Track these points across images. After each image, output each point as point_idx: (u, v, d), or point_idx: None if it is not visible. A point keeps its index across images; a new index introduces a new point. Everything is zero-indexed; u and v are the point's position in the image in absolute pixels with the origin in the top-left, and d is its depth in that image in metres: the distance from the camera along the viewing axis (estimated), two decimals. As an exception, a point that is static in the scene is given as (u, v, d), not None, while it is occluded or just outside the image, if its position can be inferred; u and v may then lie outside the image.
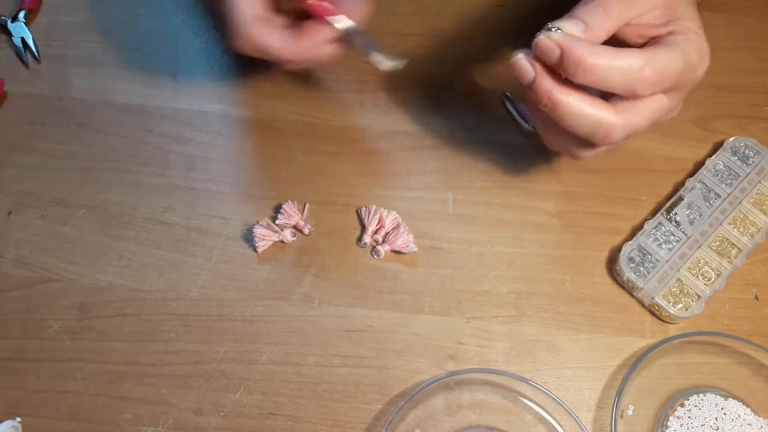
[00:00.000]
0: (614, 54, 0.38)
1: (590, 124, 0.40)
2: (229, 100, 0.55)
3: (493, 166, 0.53)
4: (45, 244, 0.50)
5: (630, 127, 0.40)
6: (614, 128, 0.40)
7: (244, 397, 0.46)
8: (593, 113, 0.39)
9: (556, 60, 0.38)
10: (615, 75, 0.38)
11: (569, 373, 0.46)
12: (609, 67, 0.38)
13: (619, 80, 0.38)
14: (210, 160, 0.53)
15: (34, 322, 0.47)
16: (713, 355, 0.47)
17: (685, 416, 0.45)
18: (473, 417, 0.45)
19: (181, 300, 0.48)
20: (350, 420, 0.45)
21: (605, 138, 0.40)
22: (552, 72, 0.39)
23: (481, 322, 0.48)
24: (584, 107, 0.39)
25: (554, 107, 0.39)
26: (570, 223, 0.51)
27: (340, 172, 0.53)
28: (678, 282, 0.47)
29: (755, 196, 0.50)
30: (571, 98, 0.39)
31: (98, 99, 0.55)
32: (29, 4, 0.58)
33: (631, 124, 0.40)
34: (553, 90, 0.39)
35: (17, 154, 0.53)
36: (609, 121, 0.39)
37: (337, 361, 0.46)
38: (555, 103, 0.39)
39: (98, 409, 0.45)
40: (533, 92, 0.40)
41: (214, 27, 0.58)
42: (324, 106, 0.55)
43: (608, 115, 0.39)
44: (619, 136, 0.40)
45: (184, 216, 0.51)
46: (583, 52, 0.37)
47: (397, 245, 0.49)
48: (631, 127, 0.40)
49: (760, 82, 0.56)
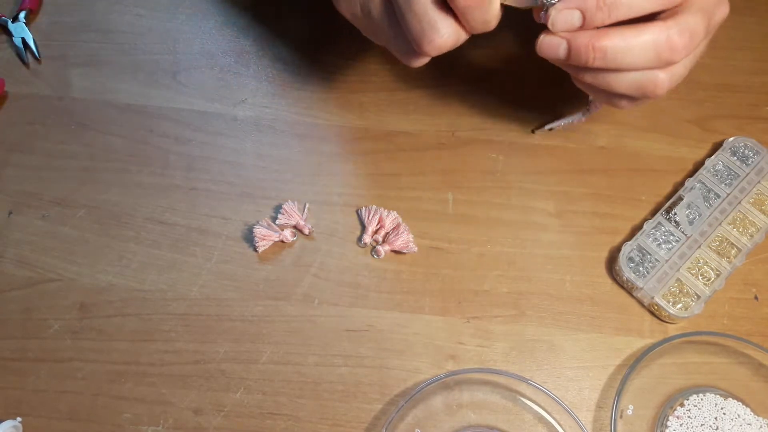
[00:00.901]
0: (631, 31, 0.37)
1: (647, 50, 0.37)
2: (229, 100, 0.55)
3: (493, 166, 0.53)
4: (45, 244, 0.50)
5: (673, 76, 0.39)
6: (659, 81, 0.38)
7: (244, 396, 0.46)
8: (646, 36, 0.37)
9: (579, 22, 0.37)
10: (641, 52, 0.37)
11: (569, 372, 0.46)
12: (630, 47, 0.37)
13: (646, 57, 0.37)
14: (210, 160, 0.53)
15: (34, 322, 0.47)
16: (713, 354, 0.47)
17: (684, 416, 0.45)
18: (473, 417, 0.45)
19: (181, 300, 0.48)
20: (350, 420, 0.45)
21: (654, 92, 0.39)
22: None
23: (481, 322, 0.48)
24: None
25: (604, 53, 0.37)
26: (570, 223, 0.51)
27: (340, 172, 0.53)
28: (677, 282, 0.47)
29: (755, 196, 0.50)
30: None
31: (98, 99, 0.55)
32: (30, 5, 0.58)
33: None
34: (593, 38, 0.37)
35: (17, 154, 0.53)
36: (663, 35, 0.37)
37: (337, 361, 0.47)
38: (603, 49, 0.37)
39: (98, 409, 0.45)
40: (576, 56, 0.38)
41: (214, 27, 0.58)
42: (324, 106, 0.55)
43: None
44: (666, 88, 0.39)
45: (184, 216, 0.51)
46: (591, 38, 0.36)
47: (397, 245, 0.49)
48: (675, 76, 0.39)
49: (760, 82, 0.56)
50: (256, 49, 0.57)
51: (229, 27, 0.58)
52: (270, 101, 0.55)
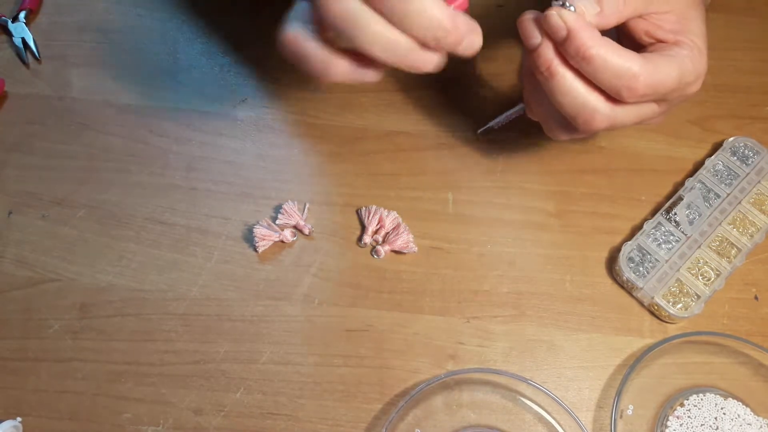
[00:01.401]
0: (615, 52, 0.38)
1: (578, 104, 0.39)
2: (229, 100, 0.55)
3: (493, 166, 0.53)
4: (45, 244, 0.50)
5: (614, 119, 0.40)
6: (598, 115, 0.40)
7: (244, 396, 0.46)
8: (583, 94, 0.39)
9: (560, 40, 0.38)
10: (608, 72, 0.38)
11: (569, 372, 0.46)
12: (606, 62, 0.38)
13: (609, 78, 0.38)
14: (210, 160, 0.53)
15: (34, 322, 0.47)
16: (713, 354, 0.47)
17: (684, 416, 0.45)
18: (473, 417, 0.45)
19: (181, 300, 0.48)
20: (350, 420, 0.45)
21: (586, 123, 0.40)
22: None
23: (481, 322, 0.48)
24: (577, 86, 0.39)
25: (550, 78, 0.39)
26: (570, 223, 0.51)
27: (340, 172, 0.53)
28: (677, 282, 0.47)
29: (754, 196, 0.51)
30: (568, 74, 0.39)
31: (98, 99, 0.55)
32: (30, 5, 0.58)
33: (615, 117, 0.40)
34: (554, 61, 0.39)
35: (17, 154, 0.53)
36: (596, 106, 0.39)
37: (337, 361, 0.47)
38: (552, 74, 0.39)
39: (98, 409, 0.45)
40: (535, 57, 0.39)
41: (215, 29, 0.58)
42: (324, 106, 0.55)
43: (597, 102, 0.39)
44: (601, 125, 0.40)
45: (184, 216, 0.51)
46: (587, 41, 0.37)
47: (397, 245, 0.49)
48: (615, 120, 0.40)
49: (760, 82, 0.56)
50: (256, 49, 0.57)
51: (229, 27, 0.58)
52: (270, 101, 0.55)
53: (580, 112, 0.40)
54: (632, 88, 0.38)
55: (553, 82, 0.39)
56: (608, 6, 0.39)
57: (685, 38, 0.41)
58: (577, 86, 0.39)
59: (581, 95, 0.39)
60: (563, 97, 0.40)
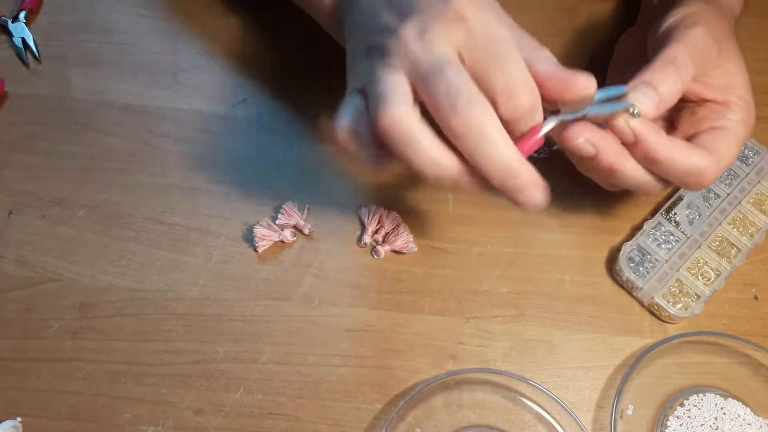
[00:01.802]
0: (682, 151, 0.39)
1: (637, 183, 0.41)
2: (229, 100, 0.55)
3: (492, 166, 0.53)
4: (45, 244, 0.50)
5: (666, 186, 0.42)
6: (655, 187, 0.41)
7: (244, 396, 0.46)
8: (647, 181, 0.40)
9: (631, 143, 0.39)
10: (677, 171, 0.39)
11: (569, 372, 0.46)
12: (674, 163, 0.39)
13: (678, 176, 0.39)
14: (210, 160, 0.53)
15: (34, 322, 0.47)
16: (713, 354, 0.47)
17: (684, 416, 0.45)
18: (473, 417, 0.45)
19: (181, 300, 0.48)
20: (350, 420, 0.45)
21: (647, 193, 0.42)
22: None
23: (481, 322, 0.48)
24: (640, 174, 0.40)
25: (612, 172, 0.40)
26: (570, 223, 0.51)
27: (340, 172, 0.53)
28: (677, 282, 0.47)
29: (754, 196, 0.50)
30: (629, 166, 0.40)
31: (98, 99, 0.55)
32: (29, 5, 0.58)
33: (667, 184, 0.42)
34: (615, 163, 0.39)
35: (17, 154, 0.53)
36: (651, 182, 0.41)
37: (337, 361, 0.47)
38: (614, 169, 0.39)
39: (98, 409, 0.45)
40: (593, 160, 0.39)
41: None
42: (324, 107, 0.55)
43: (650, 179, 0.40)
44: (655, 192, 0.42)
45: (184, 216, 0.51)
46: (656, 145, 0.38)
47: (397, 245, 0.49)
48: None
49: (760, 82, 0.56)
50: (256, 49, 0.57)
51: (229, 27, 0.58)
52: (270, 101, 0.55)
53: (640, 188, 0.41)
54: (700, 183, 0.40)
55: (615, 174, 0.40)
56: (666, 90, 0.39)
57: (733, 96, 0.41)
58: (640, 174, 0.40)
59: (645, 181, 0.40)
60: (625, 182, 0.41)
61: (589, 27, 0.58)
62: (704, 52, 0.41)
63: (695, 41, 0.40)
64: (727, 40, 0.42)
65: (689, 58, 0.40)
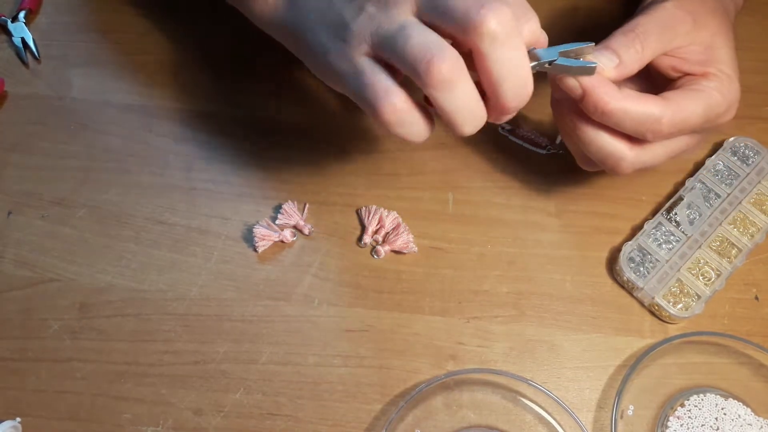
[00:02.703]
0: (634, 101, 0.38)
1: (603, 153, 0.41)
2: (229, 100, 0.55)
3: (493, 166, 0.53)
4: (45, 244, 0.50)
5: (641, 163, 0.41)
6: (623, 162, 0.41)
7: (244, 397, 0.46)
8: (608, 144, 0.41)
9: (578, 98, 0.39)
10: (630, 121, 0.39)
11: (569, 373, 0.46)
12: (626, 113, 0.38)
13: (632, 126, 0.39)
14: (210, 160, 0.53)
15: (34, 322, 0.47)
16: (713, 355, 0.47)
17: (685, 416, 0.45)
18: (473, 417, 0.45)
19: (181, 300, 0.48)
20: (350, 420, 0.45)
21: (613, 169, 0.42)
22: None
23: (481, 322, 0.48)
24: (601, 136, 0.40)
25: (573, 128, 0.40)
26: (570, 223, 0.51)
27: (340, 172, 0.53)
28: (678, 282, 0.47)
29: (755, 196, 0.50)
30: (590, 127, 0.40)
31: (98, 99, 0.55)
32: (29, 5, 0.58)
33: (643, 161, 0.41)
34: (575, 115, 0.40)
35: (17, 154, 0.53)
36: (621, 154, 0.41)
37: (337, 361, 0.46)
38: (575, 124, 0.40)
39: (98, 409, 0.45)
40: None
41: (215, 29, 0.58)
42: (324, 106, 0.55)
43: (623, 150, 0.41)
44: (628, 170, 0.42)
45: (184, 216, 0.51)
46: (604, 97, 0.38)
47: (397, 245, 0.49)
48: (643, 163, 0.41)
49: (760, 82, 0.56)
50: (255, 49, 0.57)
51: (229, 27, 0.58)
52: (270, 101, 0.55)
53: (607, 159, 0.41)
54: (656, 130, 0.39)
55: (577, 132, 0.40)
56: (626, 55, 0.39)
57: (712, 68, 0.41)
58: (601, 137, 0.40)
59: (606, 144, 0.40)
60: (589, 146, 0.41)
61: (588, 27, 0.58)
62: (672, 25, 0.40)
63: (662, 13, 0.41)
64: (710, 15, 0.42)
65: (654, 27, 0.40)
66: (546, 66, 0.37)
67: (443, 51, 0.33)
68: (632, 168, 0.41)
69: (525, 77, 0.35)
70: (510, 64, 0.34)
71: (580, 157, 0.45)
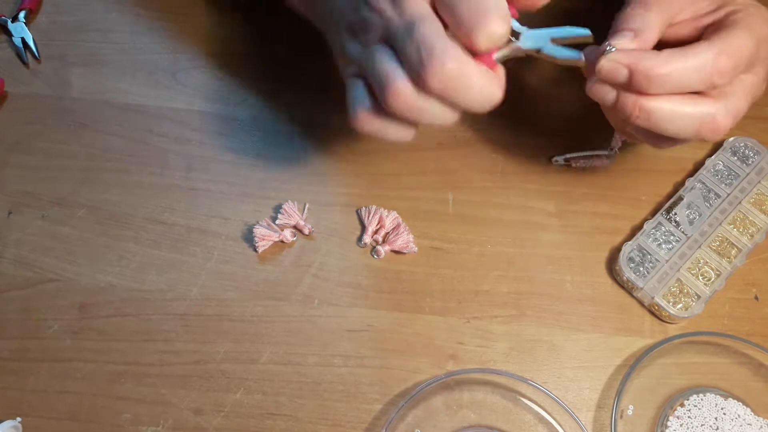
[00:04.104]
0: (683, 55, 0.37)
1: (694, 121, 0.38)
2: (229, 100, 0.55)
3: (493, 166, 0.53)
4: (45, 244, 0.50)
5: (734, 111, 0.38)
6: (719, 117, 0.38)
7: (244, 397, 0.46)
8: (691, 110, 0.38)
9: (625, 80, 0.37)
10: (691, 76, 0.37)
11: (569, 373, 0.46)
12: (683, 70, 0.36)
13: (696, 79, 0.37)
14: (210, 160, 0.53)
15: (34, 322, 0.47)
16: (713, 355, 0.47)
17: (684, 416, 0.45)
18: (473, 417, 0.45)
19: (181, 300, 0.48)
20: (350, 420, 0.45)
21: (713, 131, 0.38)
22: None
23: (481, 322, 0.48)
24: (679, 106, 0.37)
25: (648, 116, 0.38)
26: (570, 223, 0.51)
27: (340, 172, 0.53)
28: (678, 282, 0.47)
29: (755, 196, 0.50)
30: (662, 101, 0.37)
31: (98, 99, 0.55)
32: (29, 4, 0.58)
33: (734, 107, 0.38)
34: (640, 99, 0.37)
35: (17, 154, 0.53)
36: (710, 111, 0.38)
37: (337, 361, 0.47)
38: (648, 111, 0.37)
39: (98, 409, 0.45)
40: (620, 110, 0.38)
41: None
42: (324, 106, 0.55)
43: (707, 107, 0.38)
44: (727, 123, 0.38)
45: (184, 216, 0.51)
46: (652, 63, 0.36)
47: (397, 245, 0.49)
48: (735, 110, 0.38)
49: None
50: (255, 49, 0.57)
51: (228, 27, 0.58)
52: (270, 101, 0.55)
53: (702, 125, 0.38)
54: (720, 71, 0.37)
55: (654, 116, 0.38)
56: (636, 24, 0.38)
57: (730, 7, 0.40)
58: (677, 106, 0.37)
59: (690, 111, 0.38)
60: (673, 124, 0.38)
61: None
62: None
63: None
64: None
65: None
66: (534, 53, 0.37)
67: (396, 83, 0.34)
68: (730, 120, 0.38)
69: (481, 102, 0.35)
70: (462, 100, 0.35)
71: (661, 140, 0.41)
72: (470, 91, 0.35)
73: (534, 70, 0.55)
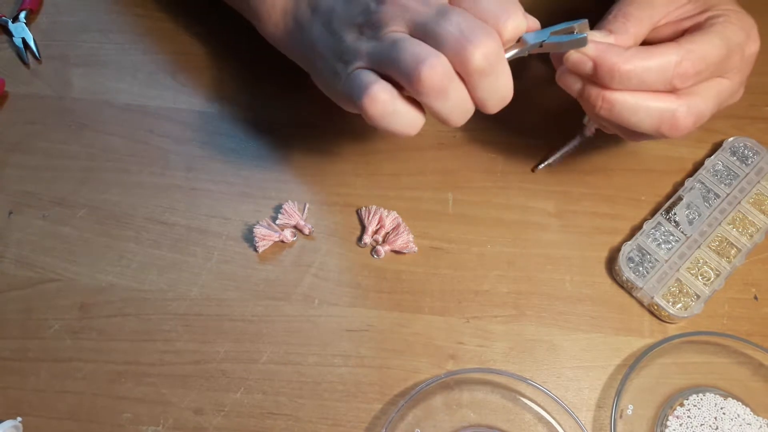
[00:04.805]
0: (648, 55, 0.37)
1: (654, 115, 0.39)
2: (229, 100, 0.55)
3: (493, 166, 0.53)
4: (45, 244, 0.50)
5: (696, 111, 0.39)
6: (679, 114, 0.38)
7: (244, 396, 0.46)
8: (652, 104, 0.38)
9: (590, 72, 0.38)
10: (652, 76, 0.37)
11: (569, 372, 0.46)
12: (645, 69, 0.37)
13: (657, 79, 0.37)
14: (210, 160, 0.53)
15: (34, 322, 0.47)
16: (712, 354, 0.47)
17: (684, 416, 0.45)
18: (473, 416, 0.45)
19: (181, 300, 0.48)
20: (350, 420, 0.45)
21: (673, 128, 0.39)
22: None
23: (481, 322, 0.48)
24: (641, 100, 0.38)
25: (611, 107, 0.39)
26: (570, 223, 0.51)
27: (340, 172, 0.53)
28: (677, 282, 0.47)
29: (754, 196, 0.51)
30: (626, 95, 0.38)
31: (98, 99, 0.55)
32: (30, 5, 0.58)
33: (696, 107, 0.39)
34: (604, 90, 0.38)
35: (17, 154, 0.53)
36: (671, 108, 0.38)
37: (337, 361, 0.47)
38: (611, 102, 0.38)
39: (98, 409, 0.45)
40: (585, 100, 0.39)
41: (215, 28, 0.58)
42: (324, 106, 0.55)
43: (669, 103, 0.38)
44: (687, 122, 0.39)
45: (184, 216, 0.51)
46: (616, 60, 0.37)
47: (397, 245, 0.49)
48: (698, 111, 0.39)
49: (760, 82, 0.56)
50: (255, 49, 0.57)
51: (228, 27, 0.58)
52: (270, 101, 0.55)
53: (662, 120, 0.39)
54: (682, 73, 0.37)
55: (617, 107, 0.39)
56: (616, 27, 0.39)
57: (713, 11, 0.40)
58: (642, 100, 0.38)
59: (652, 105, 0.38)
60: (636, 116, 0.39)
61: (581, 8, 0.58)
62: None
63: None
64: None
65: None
66: (538, 47, 0.37)
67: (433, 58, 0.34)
68: (691, 120, 0.39)
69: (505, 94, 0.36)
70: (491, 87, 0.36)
71: (628, 134, 0.43)
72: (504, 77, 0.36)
73: (534, 70, 0.56)
